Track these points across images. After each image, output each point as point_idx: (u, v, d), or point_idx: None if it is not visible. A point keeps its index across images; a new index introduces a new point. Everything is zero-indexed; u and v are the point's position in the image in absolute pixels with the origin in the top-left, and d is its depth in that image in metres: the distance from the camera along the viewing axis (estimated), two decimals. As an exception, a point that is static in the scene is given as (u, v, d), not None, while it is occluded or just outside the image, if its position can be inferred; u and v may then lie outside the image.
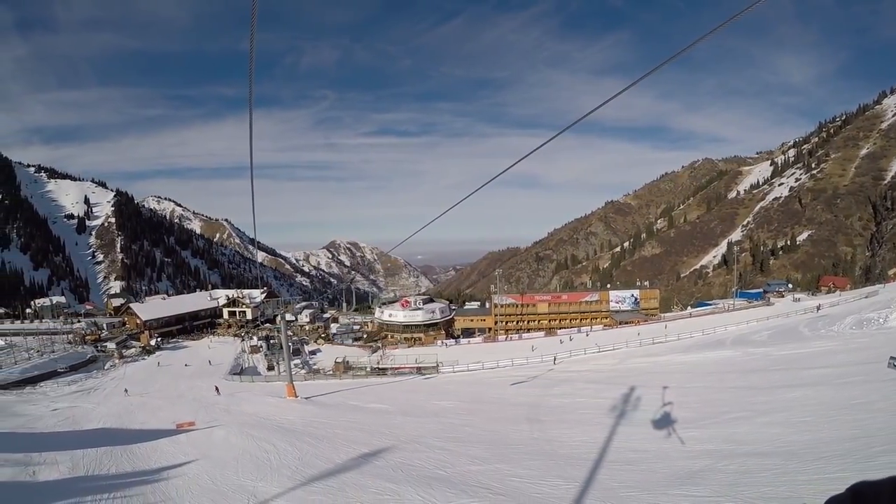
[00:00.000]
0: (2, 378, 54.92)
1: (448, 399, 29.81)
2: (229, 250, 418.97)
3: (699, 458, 12.35)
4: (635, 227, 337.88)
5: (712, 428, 15.44)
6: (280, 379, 46.59)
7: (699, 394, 21.85)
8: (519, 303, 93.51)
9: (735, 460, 11.79)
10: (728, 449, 12.97)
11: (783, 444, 12.83)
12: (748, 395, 19.93)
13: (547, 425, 18.63)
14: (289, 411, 27.89)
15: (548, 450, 14.78)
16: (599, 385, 28.35)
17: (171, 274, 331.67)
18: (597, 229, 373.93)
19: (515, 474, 12.34)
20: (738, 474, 10.57)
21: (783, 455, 11.65)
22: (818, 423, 14.28)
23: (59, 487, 14.38)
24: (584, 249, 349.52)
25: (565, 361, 50.48)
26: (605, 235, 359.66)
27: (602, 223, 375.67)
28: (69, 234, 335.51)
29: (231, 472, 14.47)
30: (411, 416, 24.74)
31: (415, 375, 53.28)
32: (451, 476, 12.53)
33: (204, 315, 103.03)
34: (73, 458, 18.18)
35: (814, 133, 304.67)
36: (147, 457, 18.47)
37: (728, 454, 12.43)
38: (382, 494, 11.18)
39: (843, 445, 11.52)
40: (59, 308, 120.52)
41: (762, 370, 28.38)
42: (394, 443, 16.88)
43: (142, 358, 73.32)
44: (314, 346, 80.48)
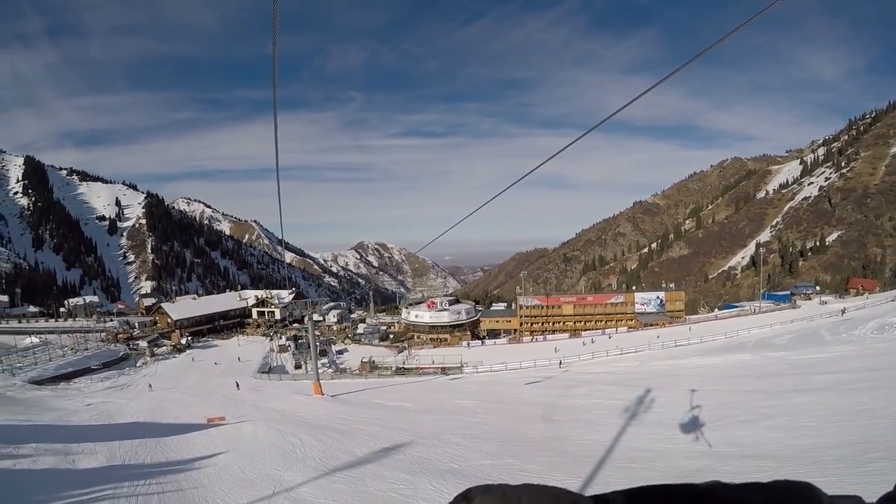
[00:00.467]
0: (37, 374, 56.48)
1: (468, 398, 30.65)
2: (258, 251, 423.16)
3: (699, 459, 13.05)
4: (663, 227, 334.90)
5: (718, 430, 16.03)
6: (307, 377, 47.67)
7: (711, 397, 22.34)
8: (544, 304, 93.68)
9: (733, 462, 12.45)
10: (729, 451, 13.60)
11: (782, 447, 13.41)
12: (758, 399, 20.38)
13: (560, 424, 19.36)
14: (315, 408, 29.00)
15: (558, 447, 15.53)
16: (617, 387, 28.91)
17: (201, 274, 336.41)
18: (625, 230, 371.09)
19: (524, 469, 13.18)
20: (733, 475, 11.24)
21: (780, 458, 12.29)
22: (820, 428, 14.76)
23: (97, 474, 15.45)
24: (611, 250, 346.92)
25: (587, 363, 50.97)
26: (633, 236, 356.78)
27: (630, 223, 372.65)
28: (101, 235, 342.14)
29: (259, 463, 15.49)
30: (431, 413, 25.65)
31: (439, 375, 54.04)
32: (464, 469, 13.39)
33: (233, 315, 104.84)
34: (109, 449, 19.35)
35: (843, 131, 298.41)
36: (179, 448, 19.59)
37: (727, 456, 13.09)
38: (398, 484, 12.08)
39: (841, 451, 12.03)
40: (91, 307, 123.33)
41: (777, 375, 28.67)
42: (413, 438, 17.78)
43: (172, 356, 75.17)
44: (341, 346, 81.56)
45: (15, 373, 55.86)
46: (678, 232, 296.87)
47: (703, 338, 59.44)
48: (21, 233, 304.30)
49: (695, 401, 21.79)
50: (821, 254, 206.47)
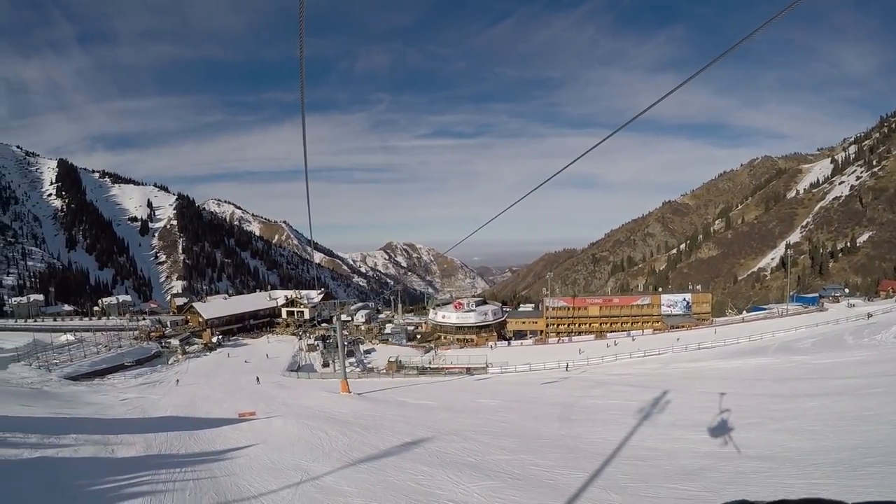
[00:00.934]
0: (73, 370, 58.62)
1: (491, 398, 31.44)
2: (287, 251, 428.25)
3: (703, 458, 13.66)
4: (693, 227, 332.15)
5: (725, 432, 16.66)
6: (335, 376, 48.85)
7: (725, 400, 22.75)
8: (570, 306, 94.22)
9: (734, 462, 13.05)
10: (732, 452, 14.19)
11: (784, 449, 13.92)
12: (770, 403, 20.82)
13: (575, 423, 20.04)
14: (341, 405, 29.99)
15: (570, 445, 16.24)
16: (635, 388, 29.45)
17: (231, 274, 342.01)
18: (654, 230, 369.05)
19: (535, 464, 13.92)
20: (733, 474, 11.88)
21: (780, 460, 12.84)
22: (824, 432, 15.26)
23: (135, 463, 16.45)
24: (640, 251, 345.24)
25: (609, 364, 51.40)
26: (663, 236, 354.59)
27: (659, 224, 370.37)
28: (133, 235, 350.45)
29: (287, 454, 16.45)
30: (453, 411, 26.49)
31: (464, 375, 54.88)
32: (479, 463, 14.20)
33: (263, 314, 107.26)
34: (145, 440, 20.44)
35: (875, 128, 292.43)
36: (212, 440, 20.64)
37: (730, 456, 13.68)
38: (417, 475, 12.93)
39: (840, 454, 12.49)
40: (124, 306, 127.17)
41: (793, 379, 28.95)
42: (434, 434, 18.62)
43: (203, 354, 77.57)
44: (369, 346, 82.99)
45: (51, 369, 57.99)
46: (707, 232, 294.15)
47: (726, 340, 59.66)
48: (55, 234, 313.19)
49: (709, 403, 22.35)
50: (851, 255, 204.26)
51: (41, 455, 17.09)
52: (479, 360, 61.13)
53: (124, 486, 13.26)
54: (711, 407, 21.32)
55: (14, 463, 15.90)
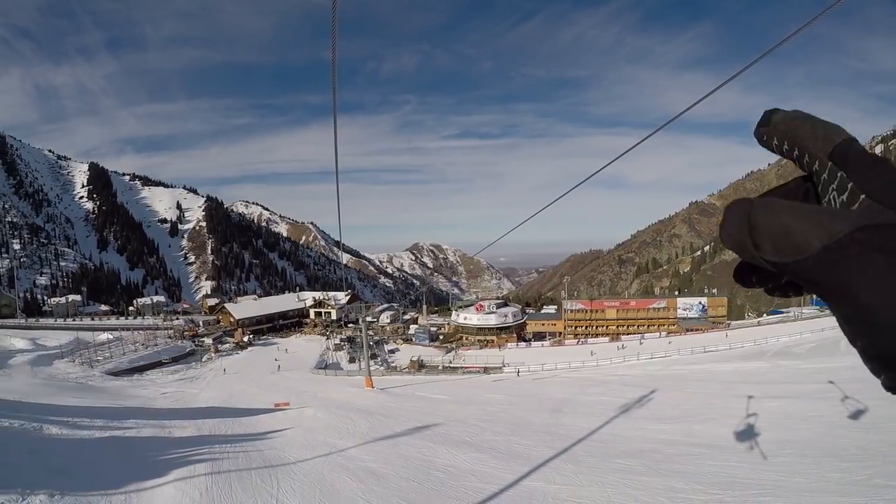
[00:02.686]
0: (113, 367, 62.25)
1: (498, 393, 34.79)
2: (314, 252, 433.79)
3: (652, 443, 16.77)
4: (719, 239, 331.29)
5: (683, 424, 19.62)
6: (360, 373, 52.09)
7: (700, 398, 25.65)
8: (588, 308, 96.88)
9: (676, 447, 16.11)
10: (679, 440, 17.22)
11: (722, 439, 16.78)
12: (735, 402, 23.32)
13: (563, 415, 23.19)
14: (365, 398, 33.57)
15: (552, 431, 19.43)
16: (630, 387, 32.14)
17: (259, 275, 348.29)
18: (680, 231, 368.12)
19: (518, 443, 17.29)
20: (668, 455, 15.05)
21: (712, 447, 15.80)
22: (761, 427, 18.00)
23: (191, 441, 20.00)
24: (666, 252, 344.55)
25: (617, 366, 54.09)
26: (689, 237, 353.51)
27: (685, 225, 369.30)
28: (162, 237, 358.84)
29: (319, 435, 19.96)
30: (462, 404, 29.85)
31: (481, 374, 57.99)
32: (474, 441, 17.61)
33: (292, 315, 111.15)
34: (195, 424, 24.08)
35: None
36: (253, 425, 24.20)
37: (675, 443, 16.72)
38: (423, 449, 16.40)
39: (765, 446, 15.20)
40: (158, 306, 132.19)
41: (772, 382, 31.14)
42: (441, 421, 22.06)
43: (235, 352, 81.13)
44: (393, 346, 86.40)
45: (93, 365, 61.40)
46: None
47: (731, 344, 61.80)
48: (87, 235, 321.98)
49: (684, 401, 25.41)
50: None
51: (111, 435, 20.81)
52: (495, 361, 64.35)
53: (186, 456, 16.76)
54: (684, 404, 24.42)
55: (94, 440, 19.57)
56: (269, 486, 13.01)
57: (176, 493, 12.37)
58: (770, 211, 0.54)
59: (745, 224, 0.55)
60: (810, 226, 0.50)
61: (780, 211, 0.54)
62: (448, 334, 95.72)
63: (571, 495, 11.52)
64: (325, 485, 12.96)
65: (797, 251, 0.51)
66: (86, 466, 14.49)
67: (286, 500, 11.95)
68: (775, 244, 0.53)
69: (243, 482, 13.32)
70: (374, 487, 12.61)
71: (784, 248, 0.52)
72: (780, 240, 0.52)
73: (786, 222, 0.52)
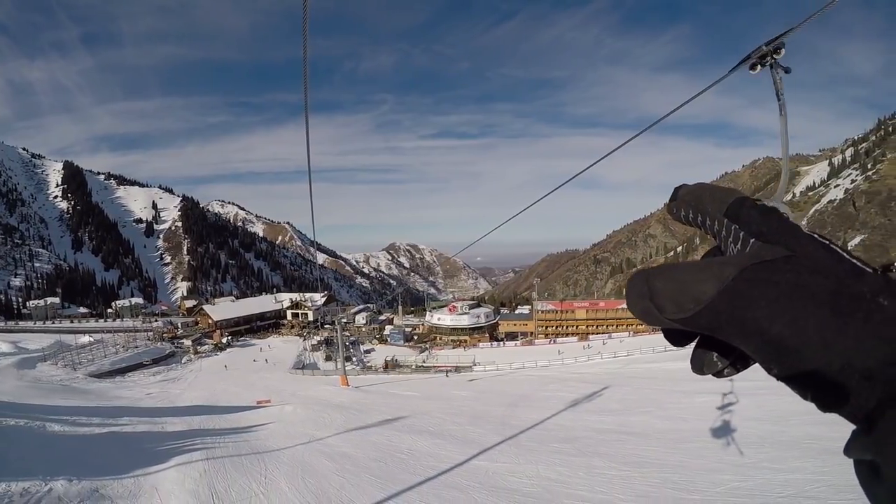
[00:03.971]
0: (96, 369, 62.81)
1: (464, 390, 37.32)
2: (291, 252, 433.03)
3: (587, 431, 19.42)
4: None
5: (619, 416, 22.25)
6: (336, 373, 54.18)
7: (643, 394, 28.24)
8: (559, 309, 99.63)
9: (606, 434, 18.75)
10: (612, 429, 19.77)
11: (646, 428, 19.34)
12: (673, 397, 25.78)
13: (518, 408, 25.80)
14: (340, 395, 36.11)
15: (505, 421, 21.97)
16: (586, 384, 34.57)
17: (235, 275, 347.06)
18: (655, 231, 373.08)
19: (474, 432, 19.89)
20: (597, 440, 17.70)
21: (636, 434, 18.42)
22: (686, 419, 20.45)
23: (183, 434, 22.33)
24: (641, 252, 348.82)
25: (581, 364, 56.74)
26: (664, 238, 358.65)
27: (660, 225, 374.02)
28: (138, 237, 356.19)
29: (299, 427, 22.46)
30: (430, 400, 32.39)
31: (452, 373, 60.35)
32: (435, 430, 20.21)
33: (269, 316, 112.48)
34: (184, 421, 26.45)
35: (872, 131, 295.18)
36: (238, 420, 26.59)
37: (607, 431, 19.34)
38: (390, 437, 19.01)
39: (680, 434, 17.89)
40: (136, 308, 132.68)
41: (712, 380, 34.17)
42: (409, 414, 24.65)
43: (214, 354, 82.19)
44: (369, 346, 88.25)
45: (76, 367, 61.93)
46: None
47: (691, 345, 64.44)
48: (61, 235, 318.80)
49: (628, 396, 28.15)
50: None
51: (110, 431, 23.12)
52: (467, 360, 66.88)
53: (182, 447, 19.11)
54: (627, 399, 27.16)
55: (95, 435, 21.86)
56: (258, 467, 15.47)
57: (178, 476, 14.78)
58: (665, 274, 0.55)
59: (646, 291, 0.54)
60: (704, 276, 0.51)
61: (674, 271, 0.55)
62: (422, 334, 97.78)
63: (508, 471, 14.16)
64: (306, 466, 15.46)
65: (696, 302, 0.51)
66: (93, 457, 16.78)
67: (273, 478, 14.38)
68: (675, 302, 0.52)
69: (235, 465, 15.77)
70: (347, 467, 15.15)
71: (683, 303, 0.51)
72: (678, 296, 0.51)
73: (681, 279, 0.53)
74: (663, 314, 0.59)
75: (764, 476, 12.35)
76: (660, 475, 13.16)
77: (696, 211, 0.72)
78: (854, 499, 9.83)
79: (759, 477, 12.34)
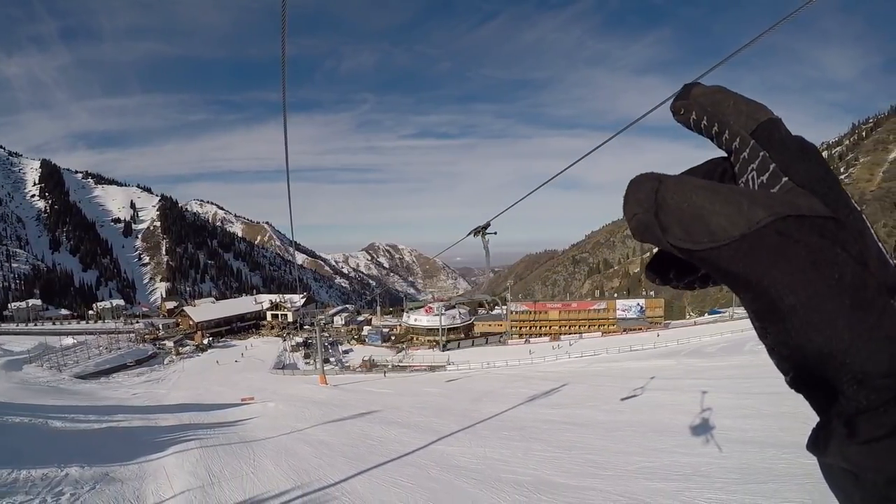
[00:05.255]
0: (81, 370, 63.90)
1: (434, 387, 40.12)
2: (270, 252, 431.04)
3: (536, 422, 22.09)
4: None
5: (568, 409, 24.93)
6: (315, 372, 56.24)
7: (597, 390, 30.94)
8: (532, 310, 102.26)
9: (551, 424, 21.45)
10: (558, 420, 22.43)
11: (588, 419, 22.02)
12: (619, 393, 28.24)
13: (480, 403, 28.50)
14: (320, 393, 38.83)
15: (466, 414, 24.59)
16: (547, 381, 36.98)
17: (215, 276, 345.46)
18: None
19: (436, 422, 22.55)
20: (542, 429, 20.44)
21: (577, 424, 21.12)
22: (623, 412, 23.11)
23: (176, 427, 24.61)
24: (620, 252, 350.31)
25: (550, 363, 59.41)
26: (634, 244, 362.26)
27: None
28: (116, 237, 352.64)
29: (281, 420, 25.02)
30: (401, 396, 35.14)
31: (426, 372, 62.81)
32: (403, 422, 22.90)
33: (249, 317, 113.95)
34: (176, 416, 28.82)
35: (846, 135, 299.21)
36: (225, 416, 28.98)
37: (553, 422, 22.04)
38: (363, 428, 21.65)
39: (616, 424, 20.71)
40: (118, 310, 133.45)
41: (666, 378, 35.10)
42: (381, 408, 27.30)
43: (196, 355, 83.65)
44: (347, 347, 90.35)
45: (62, 369, 63.15)
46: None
47: (657, 344, 67.09)
48: (38, 235, 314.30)
49: (582, 392, 30.97)
50: None
51: (108, 426, 25.36)
52: (441, 359, 69.38)
53: (177, 438, 21.48)
54: (579, 395, 29.97)
55: (94, 430, 24.12)
56: (247, 453, 17.97)
57: (177, 461, 17.22)
58: (682, 190, 0.46)
59: (653, 202, 0.46)
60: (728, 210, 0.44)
61: (693, 191, 0.46)
62: (399, 335, 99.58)
63: (460, 453, 16.83)
64: (289, 451, 18.01)
65: (712, 238, 0.45)
66: (98, 448, 19.06)
67: (260, 461, 16.89)
68: (686, 228, 0.45)
69: (227, 451, 18.26)
70: (324, 451, 17.75)
71: (696, 234, 0.45)
72: (693, 224, 0.44)
73: (700, 204, 0.45)
74: (666, 236, 0.43)
75: (671, 458, 15.01)
76: (584, 457, 15.85)
77: (711, 119, 0.55)
78: (737, 479, 12.61)
79: (667, 459, 15.01)
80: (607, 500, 11.87)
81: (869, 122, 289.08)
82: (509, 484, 13.34)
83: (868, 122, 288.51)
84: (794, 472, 12.12)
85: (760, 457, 14.07)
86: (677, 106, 0.63)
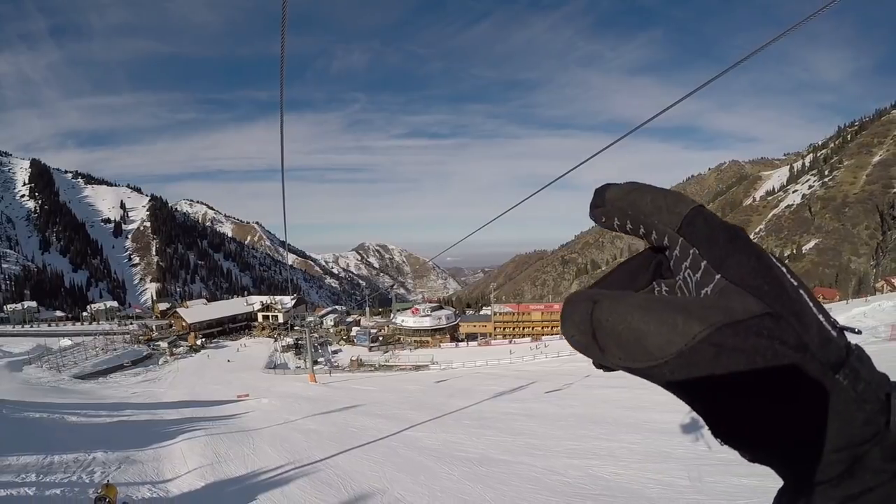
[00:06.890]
0: (79, 371, 65.25)
1: (415, 385, 43.56)
2: (260, 253, 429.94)
3: (495, 414, 25.50)
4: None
5: (526, 403, 28.23)
6: (305, 372, 58.88)
7: (553, 386, 34.13)
8: (515, 311, 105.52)
9: (509, 415, 24.83)
10: (516, 412, 25.74)
11: (541, 412, 25.31)
12: (578, 390, 31.42)
13: (453, 398, 31.74)
14: (310, 390, 42.12)
15: (439, 407, 27.84)
16: (518, 380, 40.22)
17: (205, 276, 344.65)
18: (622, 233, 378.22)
19: (412, 415, 25.86)
20: (499, 419, 23.87)
21: (531, 416, 24.47)
22: (573, 406, 26.15)
23: (181, 421, 27.75)
24: (609, 253, 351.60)
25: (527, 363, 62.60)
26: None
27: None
28: (106, 237, 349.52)
29: (275, 414, 28.34)
30: (385, 392, 38.49)
31: (410, 371, 65.92)
32: (383, 414, 26.29)
33: (241, 319, 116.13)
34: (178, 411, 31.96)
35: (832, 138, 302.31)
36: (223, 410, 32.22)
37: (511, 413, 25.36)
38: (348, 418, 25.05)
39: (559, 416, 24.29)
40: (112, 311, 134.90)
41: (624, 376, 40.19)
42: (365, 402, 30.75)
43: (190, 355, 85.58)
44: (336, 347, 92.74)
45: (60, 370, 64.48)
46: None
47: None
48: (28, 235, 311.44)
49: (545, 388, 34.19)
50: (797, 262, 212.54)
51: (119, 420, 28.47)
52: (425, 359, 72.31)
53: (183, 429, 24.64)
54: (541, 391, 33.20)
55: (107, 423, 27.24)
56: (247, 439, 21.26)
57: (187, 446, 20.44)
58: (617, 311, 0.48)
59: (589, 325, 0.47)
60: (663, 329, 0.44)
61: (628, 311, 0.47)
62: (387, 336, 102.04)
63: (426, 437, 20.22)
64: (283, 438, 21.34)
65: (649, 358, 0.45)
66: (115, 437, 22.07)
67: (259, 445, 20.18)
68: (624, 349, 0.46)
69: (229, 438, 21.54)
70: (313, 437, 21.11)
71: (634, 354, 0.45)
72: (630, 345, 0.46)
73: (635, 326, 0.46)
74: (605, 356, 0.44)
75: (594, 443, 18.29)
76: (525, 440, 19.22)
77: (634, 221, 0.56)
78: (640, 459, 15.93)
79: (590, 443, 18.34)
80: (532, 471, 15.26)
81: (854, 125, 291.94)
82: (460, 460, 16.73)
83: (853, 126, 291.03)
84: (687, 457, 15.31)
85: (668, 444, 17.05)
86: (597, 214, 0.57)
